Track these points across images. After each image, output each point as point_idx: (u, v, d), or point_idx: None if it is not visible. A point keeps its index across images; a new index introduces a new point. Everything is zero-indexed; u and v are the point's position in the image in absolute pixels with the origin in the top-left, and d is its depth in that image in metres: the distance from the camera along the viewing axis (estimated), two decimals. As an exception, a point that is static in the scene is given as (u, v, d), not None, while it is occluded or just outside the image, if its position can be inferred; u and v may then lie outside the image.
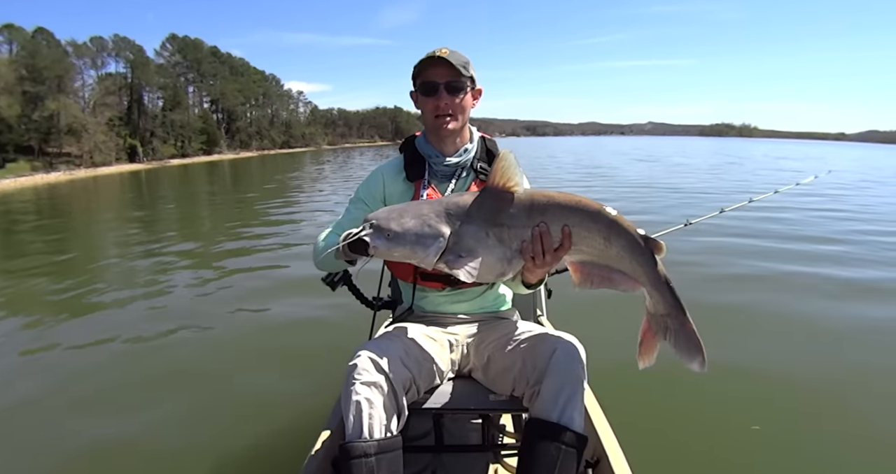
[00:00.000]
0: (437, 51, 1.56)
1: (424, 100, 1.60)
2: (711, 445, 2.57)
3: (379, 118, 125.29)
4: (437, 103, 1.58)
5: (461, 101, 1.60)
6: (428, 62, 1.56)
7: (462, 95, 1.59)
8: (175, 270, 6.43)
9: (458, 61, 1.55)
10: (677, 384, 2.92)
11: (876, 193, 14.22)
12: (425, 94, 1.59)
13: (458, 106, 1.59)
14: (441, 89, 1.57)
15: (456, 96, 1.58)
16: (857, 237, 7.61)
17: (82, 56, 46.46)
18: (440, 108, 1.58)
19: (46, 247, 8.81)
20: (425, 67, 1.57)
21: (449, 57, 1.54)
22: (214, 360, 3.74)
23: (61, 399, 3.20)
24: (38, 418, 2.97)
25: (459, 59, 1.56)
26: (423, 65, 1.57)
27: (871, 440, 2.58)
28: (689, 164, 26.78)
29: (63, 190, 23.56)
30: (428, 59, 1.55)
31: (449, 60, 1.53)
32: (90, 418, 2.96)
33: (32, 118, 36.78)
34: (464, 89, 1.59)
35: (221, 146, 61.80)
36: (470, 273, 1.23)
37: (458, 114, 1.61)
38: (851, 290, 4.98)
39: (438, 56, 1.53)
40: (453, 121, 1.61)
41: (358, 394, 1.31)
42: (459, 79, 1.57)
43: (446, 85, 1.56)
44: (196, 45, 63.29)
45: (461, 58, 1.57)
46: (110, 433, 2.81)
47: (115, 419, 2.95)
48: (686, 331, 1.24)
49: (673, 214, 9.01)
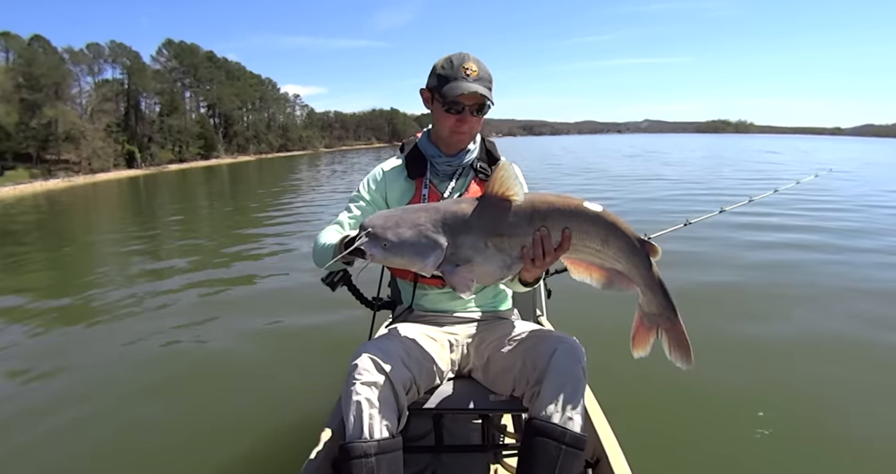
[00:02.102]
0: (467, 67, 1.54)
1: (446, 115, 1.60)
2: (711, 445, 2.57)
3: (375, 120, 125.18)
4: (462, 125, 1.60)
5: (480, 119, 1.63)
6: (460, 87, 1.53)
7: (483, 114, 1.62)
8: (174, 273, 6.43)
9: (486, 83, 1.56)
10: (677, 384, 2.92)
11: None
12: (448, 110, 1.59)
13: (477, 124, 1.63)
14: (467, 111, 1.58)
15: (478, 116, 1.61)
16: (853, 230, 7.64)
17: (79, 63, 46.40)
18: (462, 128, 1.60)
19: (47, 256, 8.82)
20: (454, 87, 1.54)
21: (479, 81, 1.54)
22: (214, 361, 3.74)
23: (61, 398, 3.20)
24: (37, 418, 2.97)
25: (486, 80, 1.57)
26: (452, 83, 1.55)
27: (871, 440, 2.57)
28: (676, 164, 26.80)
29: (62, 196, 23.54)
30: (459, 82, 1.53)
31: (482, 92, 1.53)
32: (90, 418, 2.97)
33: (30, 125, 36.76)
34: (487, 109, 1.61)
35: (219, 151, 61.74)
36: (467, 286, 1.24)
37: (475, 130, 1.65)
38: (851, 290, 4.97)
39: (475, 92, 1.52)
40: (470, 137, 1.65)
41: (358, 395, 1.31)
42: (486, 101, 1.58)
43: (472, 107, 1.58)
44: (192, 50, 63.23)
45: (488, 75, 1.58)
46: (111, 433, 2.82)
47: (116, 419, 2.96)
48: (676, 330, 1.29)
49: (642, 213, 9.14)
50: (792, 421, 2.74)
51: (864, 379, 3.19)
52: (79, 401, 3.18)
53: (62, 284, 6.50)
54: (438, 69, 1.59)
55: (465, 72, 1.54)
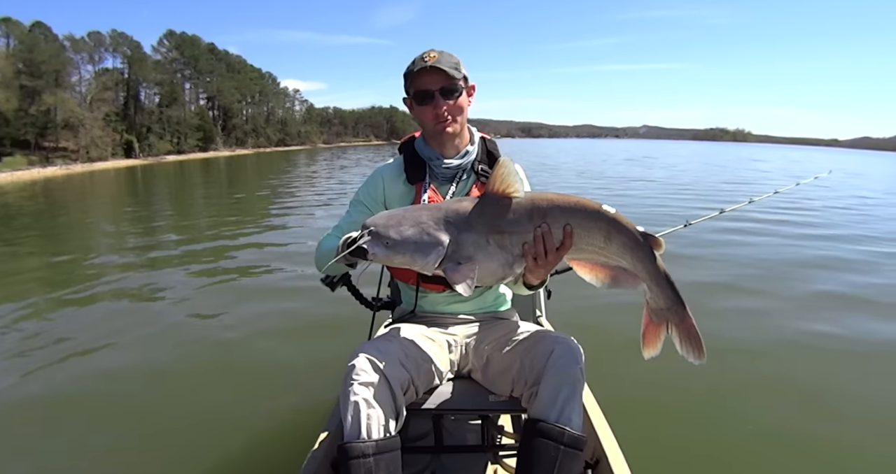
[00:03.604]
0: (426, 56, 1.54)
1: (421, 108, 1.59)
2: (711, 445, 2.58)
3: (374, 117, 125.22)
4: (435, 111, 1.57)
5: (457, 103, 1.59)
6: (419, 71, 1.53)
7: (457, 97, 1.58)
8: (172, 271, 6.37)
9: (448, 64, 1.53)
10: (677, 384, 2.94)
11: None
12: (421, 102, 1.58)
13: (455, 108, 1.58)
14: (437, 96, 1.55)
15: (452, 99, 1.57)
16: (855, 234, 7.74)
17: (79, 51, 46.12)
18: (438, 115, 1.57)
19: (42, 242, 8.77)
20: (417, 76, 1.55)
21: (438, 63, 1.52)
22: (214, 361, 3.72)
23: (61, 398, 3.17)
24: (36, 419, 2.95)
25: (450, 62, 1.54)
26: (413, 74, 1.55)
27: (869, 441, 2.59)
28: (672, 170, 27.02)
29: (60, 184, 23.43)
30: (418, 69, 1.53)
31: (439, 67, 1.51)
32: (90, 418, 2.94)
33: (29, 112, 36.57)
34: (458, 91, 1.58)
35: (217, 143, 61.57)
36: (468, 285, 1.23)
37: (457, 115, 1.60)
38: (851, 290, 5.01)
39: (424, 66, 1.52)
40: (453, 123, 1.60)
41: (356, 395, 1.31)
42: (453, 82, 1.55)
43: (441, 91, 1.55)
44: (193, 41, 62.99)
45: (451, 59, 1.55)
46: (110, 433, 2.79)
47: (116, 419, 2.93)
48: (686, 324, 1.27)
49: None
50: (792, 421, 2.76)
51: (864, 380, 3.22)
52: (75, 400, 3.15)
53: (57, 273, 6.45)
54: (406, 70, 1.59)
55: (424, 61, 1.53)
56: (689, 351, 1.27)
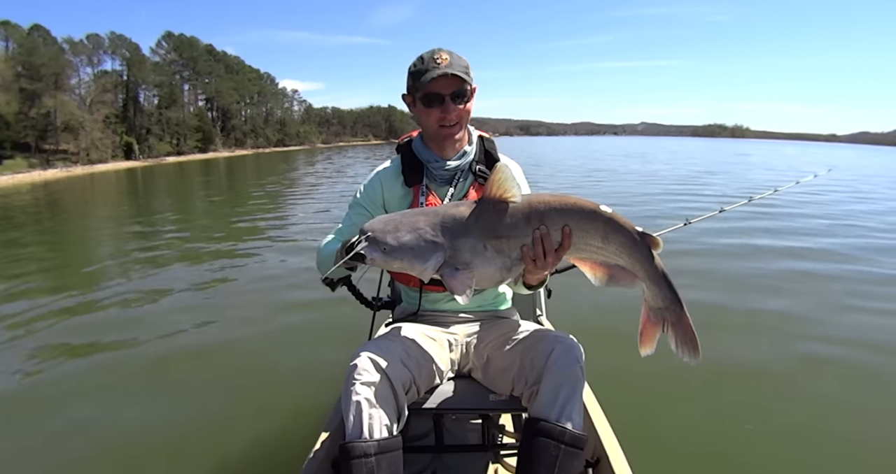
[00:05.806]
0: (438, 57, 1.51)
1: (427, 111, 1.56)
2: (711, 445, 2.58)
3: (373, 117, 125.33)
4: (444, 115, 1.55)
5: (466, 108, 1.57)
6: (431, 74, 1.50)
7: (466, 101, 1.57)
8: (172, 271, 6.39)
9: (461, 69, 1.51)
10: (677, 384, 2.94)
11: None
12: (428, 105, 1.55)
13: (464, 112, 1.57)
14: (447, 101, 1.53)
15: (462, 104, 1.56)
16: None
17: (79, 53, 46.23)
18: (447, 120, 1.55)
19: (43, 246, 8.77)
20: (427, 77, 1.50)
21: (452, 67, 1.50)
22: (213, 361, 3.72)
23: (60, 398, 3.18)
24: (36, 417, 2.95)
25: (461, 65, 1.52)
26: (426, 76, 1.50)
27: (870, 441, 2.59)
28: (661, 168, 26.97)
29: (60, 187, 23.43)
30: (430, 72, 1.50)
31: (456, 73, 1.49)
32: (90, 418, 2.95)
33: (29, 115, 36.70)
34: (468, 95, 1.57)
35: (217, 144, 61.68)
36: (467, 295, 1.23)
37: (464, 120, 1.59)
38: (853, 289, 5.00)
39: (445, 73, 1.49)
40: (459, 128, 1.59)
41: (358, 395, 1.31)
42: (463, 86, 1.54)
43: (452, 95, 1.53)
44: (191, 42, 63.03)
45: (461, 62, 1.53)
46: (111, 432, 2.80)
47: (116, 418, 2.94)
48: (682, 324, 1.28)
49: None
50: (792, 420, 2.75)
51: (864, 381, 3.21)
52: (75, 400, 3.16)
53: (58, 275, 6.46)
54: (411, 68, 1.56)
55: (435, 62, 1.50)
56: (684, 350, 1.28)
